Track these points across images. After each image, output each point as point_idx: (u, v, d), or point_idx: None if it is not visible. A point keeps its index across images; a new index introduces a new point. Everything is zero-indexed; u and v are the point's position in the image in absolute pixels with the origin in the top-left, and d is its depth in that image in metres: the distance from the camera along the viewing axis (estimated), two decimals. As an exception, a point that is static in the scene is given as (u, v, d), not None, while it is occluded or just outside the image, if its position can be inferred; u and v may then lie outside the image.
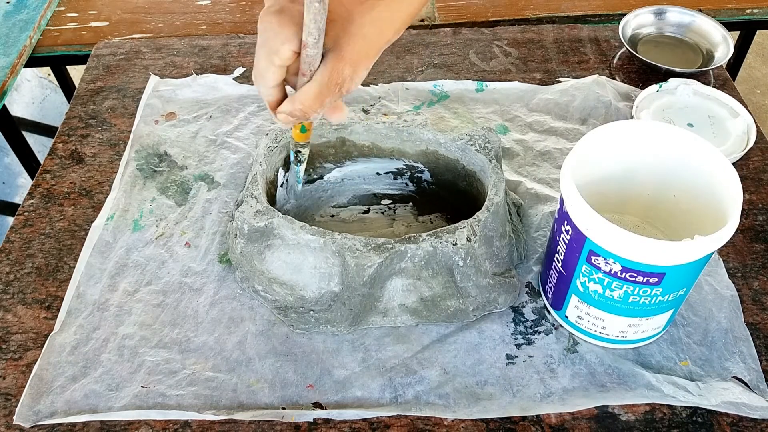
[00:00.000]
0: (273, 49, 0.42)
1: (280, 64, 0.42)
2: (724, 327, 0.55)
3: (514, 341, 0.55)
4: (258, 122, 0.73)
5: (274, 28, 0.41)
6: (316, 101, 0.43)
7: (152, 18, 0.94)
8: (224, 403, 0.51)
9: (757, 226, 0.63)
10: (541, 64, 0.81)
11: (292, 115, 0.45)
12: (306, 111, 0.44)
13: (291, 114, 0.45)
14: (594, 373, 0.53)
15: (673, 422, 0.50)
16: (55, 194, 0.67)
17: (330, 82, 0.42)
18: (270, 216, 0.54)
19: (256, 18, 0.42)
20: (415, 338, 0.55)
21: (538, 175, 0.67)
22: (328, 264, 0.54)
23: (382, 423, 0.50)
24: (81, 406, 0.51)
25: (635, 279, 0.47)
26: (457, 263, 0.53)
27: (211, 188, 0.67)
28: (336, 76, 0.42)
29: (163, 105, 0.75)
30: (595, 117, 0.74)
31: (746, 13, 0.94)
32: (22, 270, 0.60)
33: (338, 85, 0.42)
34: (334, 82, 0.42)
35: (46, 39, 0.91)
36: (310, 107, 0.43)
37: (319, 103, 0.43)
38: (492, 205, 0.55)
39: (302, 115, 0.44)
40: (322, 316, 0.55)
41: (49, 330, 0.56)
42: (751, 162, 0.69)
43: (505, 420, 0.50)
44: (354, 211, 0.66)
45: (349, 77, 0.42)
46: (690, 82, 0.74)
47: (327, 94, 0.43)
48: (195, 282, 0.59)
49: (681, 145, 0.52)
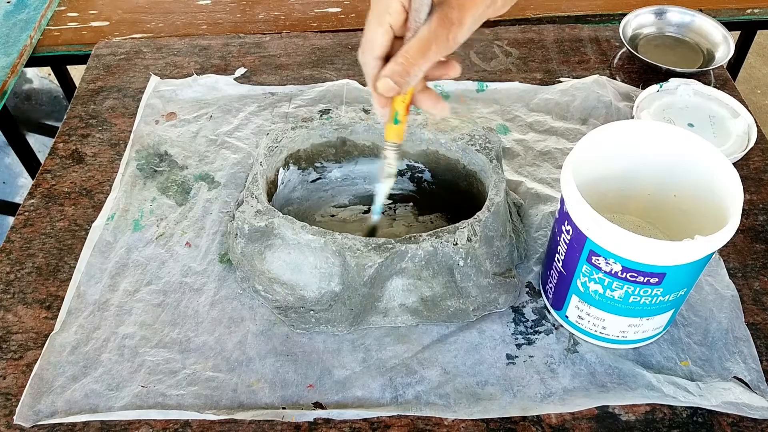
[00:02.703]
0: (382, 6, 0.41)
1: (390, 20, 0.41)
2: (725, 327, 0.55)
3: (514, 341, 0.55)
4: (258, 122, 0.73)
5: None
6: (421, 52, 0.41)
7: (152, 18, 0.94)
8: (224, 403, 0.51)
9: (757, 226, 0.63)
10: (542, 64, 0.81)
11: (394, 75, 0.43)
12: (409, 65, 0.42)
13: (392, 74, 0.43)
14: (594, 373, 0.53)
15: (674, 422, 0.50)
16: (55, 194, 0.67)
17: (437, 28, 0.41)
18: (270, 216, 0.54)
19: (257, 18, 0.42)
20: (415, 338, 0.55)
21: (538, 175, 0.67)
22: (329, 264, 0.54)
23: (382, 423, 0.50)
24: (81, 405, 0.51)
25: (636, 279, 0.47)
26: (457, 263, 0.53)
27: (211, 188, 0.67)
28: (443, 21, 0.41)
29: (163, 105, 0.75)
30: (596, 117, 0.74)
31: (747, 13, 0.94)
32: (22, 270, 0.60)
33: (446, 31, 0.41)
34: (442, 28, 0.41)
35: (47, 39, 0.91)
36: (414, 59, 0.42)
37: (425, 54, 0.41)
38: (492, 205, 0.55)
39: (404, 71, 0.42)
40: (323, 316, 0.55)
41: (49, 330, 0.56)
42: (752, 162, 0.69)
43: (505, 420, 0.50)
44: (354, 211, 0.66)
45: (457, 21, 0.41)
46: (690, 82, 0.74)
47: (433, 45, 0.41)
48: (195, 282, 0.59)
49: (681, 145, 0.52)
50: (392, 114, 0.48)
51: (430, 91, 0.47)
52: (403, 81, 0.43)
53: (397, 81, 0.43)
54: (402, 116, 0.48)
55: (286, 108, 0.75)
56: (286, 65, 0.81)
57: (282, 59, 0.82)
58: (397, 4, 0.41)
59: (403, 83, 0.43)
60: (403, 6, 0.42)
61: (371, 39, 0.43)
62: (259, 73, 0.80)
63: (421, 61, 0.42)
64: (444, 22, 0.41)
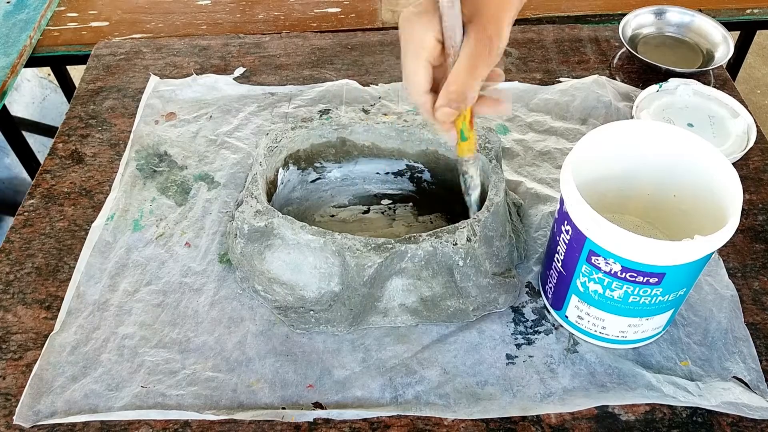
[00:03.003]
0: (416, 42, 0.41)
1: (426, 55, 0.42)
2: (724, 327, 0.55)
3: (514, 341, 0.55)
4: (258, 122, 0.73)
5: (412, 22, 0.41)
6: (469, 74, 0.41)
7: (152, 18, 0.94)
8: (224, 403, 0.51)
9: (757, 226, 0.63)
10: (541, 64, 0.81)
11: (450, 103, 0.43)
12: (462, 90, 0.42)
13: (448, 102, 0.43)
14: (594, 373, 0.53)
15: (673, 422, 0.50)
16: (55, 194, 0.67)
17: (477, 47, 0.41)
18: (270, 216, 0.54)
19: (256, 18, 0.43)
20: (415, 338, 0.55)
21: (538, 175, 0.67)
22: (328, 264, 0.54)
23: (382, 423, 0.50)
24: (81, 406, 0.51)
25: (635, 279, 0.47)
26: (457, 263, 0.53)
27: (211, 188, 0.67)
28: (482, 39, 0.41)
29: (163, 105, 0.75)
30: (595, 117, 0.74)
31: (746, 13, 0.94)
32: (22, 270, 0.60)
33: (487, 48, 0.41)
34: (482, 46, 0.41)
35: (46, 39, 0.91)
36: (466, 83, 0.42)
37: (473, 75, 0.42)
38: (492, 205, 0.55)
39: (459, 97, 0.42)
40: (322, 316, 0.55)
41: (49, 330, 0.56)
42: (751, 162, 0.69)
43: (505, 420, 0.50)
44: (354, 211, 0.66)
45: (495, 34, 0.41)
46: (690, 82, 0.74)
47: (478, 62, 0.41)
48: (195, 282, 0.59)
49: (681, 145, 0.52)
50: (458, 133, 0.48)
51: (485, 98, 0.47)
52: (460, 106, 0.44)
53: (455, 108, 0.44)
54: (468, 132, 0.48)
55: (286, 108, 0.75)
56: (285, 65, 0.81)
57: (282, 59, 0.82)
58: (431, 39, 0.41)
59: (461, 107, 0.44)
60: (437, 39, 0.41)
61: (414, 79, 0.43)
62: (259, 73, 0.80)
63: (472, 82, 0.42)
64: (483, 39, 0.41)
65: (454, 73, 0.42)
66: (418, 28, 0.42)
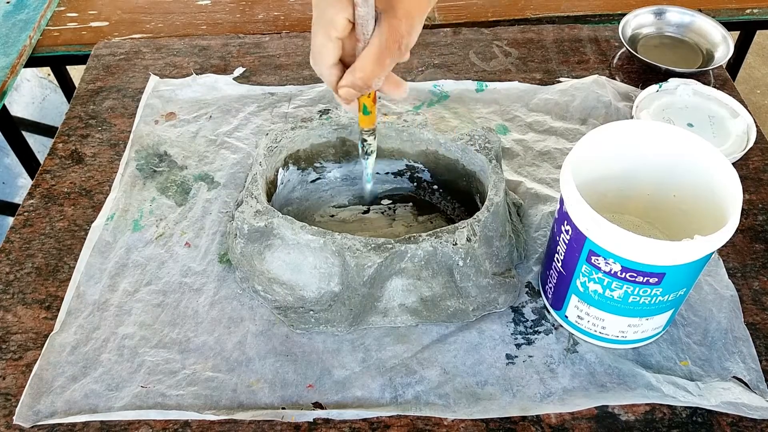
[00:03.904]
0: (327, 19, 0.41)
1: (336, 35, 0.42)
2: (724, 327, 0.55)
3: (514, 341, 0.55)
4: (258, 122, 0.73)
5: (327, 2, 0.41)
6: (377, 65, 0.42)
7: (152, 18, 0.94)
8: (224, 403, 0.51)
9: (757, 226, 0.63)
10: (541, 64, 0.81)
11: (354, 86, 0.43)
12: (367, 78, 0.43)
13: (353, 85, 0.43)
14: (594, 373, 0.53)
15: (673, 422, 0.50)
16: (55, 194, 0.67)
17: (388, 41, 0.41)
18: (270, 216, 0.54)
19: (256, 18, 0.43)
20: (415, 338, 0.55)
21: (538, 175, 0.67)
22: (328, 264, 0.54)
23: (382, 423, 0.50)
24: (81, 406, 0.51)
25: (635, 279, 0.47)
26: (457, 263, 0.53)
27: (211, 188, 0.67)
28: (393, 34, 0.41)
29: (163, 105, 0.75)
30: (595, 117, 0.74)
31: (746, 13, 0.94)
32: (22, 270, 0.60)
33: (397, 43, 0.41)
34: (392, 41, 0.41)
35: (46, 39, 0.91)
36: (372, 72, 0.42)
37: (380, 66, 0.42)
38: (492, 205, 0.55)
39: (364, 83, 0.43)
40: (322, 316, 0.55)
41: (49, 330, 0.56)
42: (751, 162, 0.69)
43: (505, 420, 0.50)
44: (354, 211, 0.66)
45: (406, 32, 0.41)
46: (690, 82, 0.74)
47: (387, 55, 0.42)
48: (195, 282, 0.59)
49: (681, 145, 0.52)
50: (360, 107, 0.50)
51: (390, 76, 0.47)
52: (364, 89, 0.45)
53: (358, 89, 0.45)
54: (370, 107, 0.50)
55: (286, 108, 0.75)
56: (285, 65, 0.81)
57: (281, 59, 0.82)
58: (342, 19, 0.41)
59: (364, 91, 0.45)
60: (348, 20, 0.42)
61: (322, 52, 0.44)
62: (259, 73, 0.80)
63: (378, 71, 0.43)
64: (394, 34, 0.41)
65: (362, 60, 0.42)
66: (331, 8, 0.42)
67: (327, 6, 0.42)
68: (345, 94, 0.45)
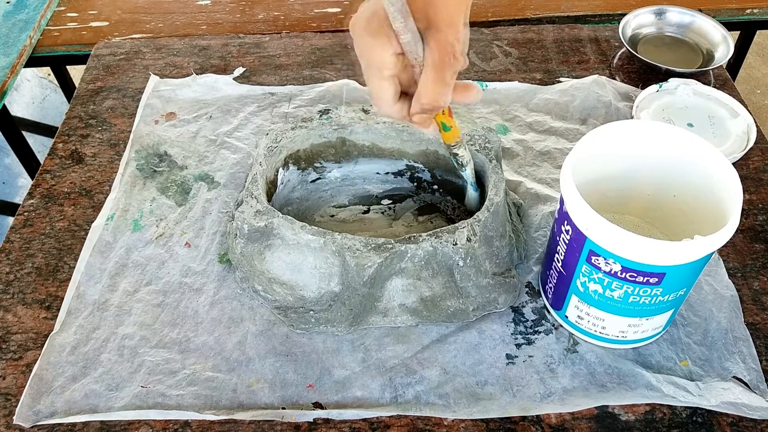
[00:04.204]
0: (376, 63, 0.41)
1: (389, 73, 0.42)
2: (724, 327, 0.55)
3: (514, 341, 0.55)
4: (258, 122, 0.73)
5: (367, 43, 0.41)
6: (439, 84, 0.42)
7: (152, 18, 0.94)
8: (224, 403, 0.51)
9: (757, 226, 0.63)
10: (541, 64, 0.81)
11: (425, 111, 0.43)
12: (434, 100, 0.42)
13: (423, 111, 0.43)
14: (594, 373, 0.53)
15: (673, 422, 0.50)
16: (55, 194, 0.67)
17: (441, 56, 0.41)
18: (270, 216, 0.54)
19: (256, 18, 0.43)
20: (415, 338, 0.55)
21: (538, 175, 0.67)
22: (328, 264, 0.54)
23: (382, 423, 0.50)
24: (81, 406, 0.51)
25: (635, 279, 0.47)
26: (457, 263, 0.53)
27: (211, 188, 0.67)
28: (443, 48, 0.41)
29: (163, 105, 0.75)
30: (595, 117, 0.74)
31: (746, 13, 0.94)
32: (22, 270, 0.60)
33: (450, 54, 0.41)
34: (445, 54, 0.41)
35: (46, 39, 0.91)
36: (436, 93, 0.42)
37: (442, 84, 0.42)
38: (492, 205, 0.55)
39: (433, 106, 0.43)
40: (322, 316, 0.55)
41: (49, 330, 0.56)
42: (751, 162, 0.69)
43: (505, 420, 0.50)
44: (354, 211, 0.66)
45: (455, 40, 0.41)
46: (690, 82, 0.74)
47: (444, 70, 0.41)
48: (195, 282, 0.59)
49: (681, 145, 0.52)
50: (439, 125, 0.49)
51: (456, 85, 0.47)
52: (436, 110, 0.44)
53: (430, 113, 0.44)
54: (449, 122, 0.49)
55: (286, 108, 0.75)
56: (285, 65, 0.81)
57: (281, 59, 0.82)
58: (389, 57, 0.41)
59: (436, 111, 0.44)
60: (395, 55, 0.42)
61: (380, 95, 0.43)
62: (259, 73, 0.80)
63: (442, 89, 0.42)
64: (444, 47, 0.41)
65: (423, 84, 0.42)
66: (376, 49, 0.41)
67: (370, 52, 0.41)
68: (419, 120, 0.45)
